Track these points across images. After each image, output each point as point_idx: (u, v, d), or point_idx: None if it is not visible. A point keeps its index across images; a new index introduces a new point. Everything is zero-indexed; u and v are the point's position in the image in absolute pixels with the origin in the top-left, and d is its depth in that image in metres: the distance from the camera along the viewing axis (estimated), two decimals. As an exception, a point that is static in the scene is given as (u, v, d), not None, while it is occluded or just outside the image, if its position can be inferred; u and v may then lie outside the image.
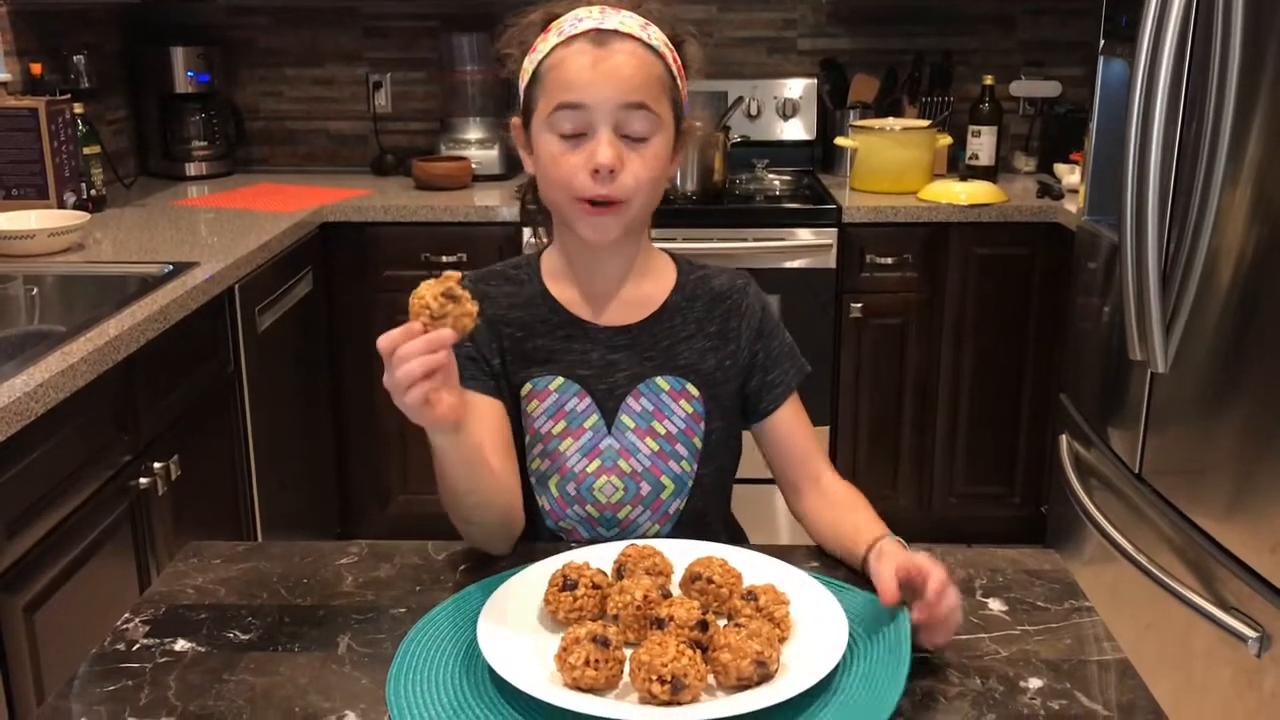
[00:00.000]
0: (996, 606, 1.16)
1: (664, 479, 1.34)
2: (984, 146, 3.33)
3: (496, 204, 3.07)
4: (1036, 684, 1.02)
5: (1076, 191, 2.87)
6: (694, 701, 0.95)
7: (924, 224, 3.02)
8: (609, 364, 1.34)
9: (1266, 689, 1.81)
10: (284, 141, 3.69)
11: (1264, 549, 1.79)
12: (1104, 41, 2.48)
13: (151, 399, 2.04)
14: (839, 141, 3.34)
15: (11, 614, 1.60)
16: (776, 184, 3.36)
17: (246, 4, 3.55)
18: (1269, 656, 1.79)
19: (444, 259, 3.01)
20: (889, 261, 3.05)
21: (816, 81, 3.53)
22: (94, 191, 2.90)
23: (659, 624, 1.01)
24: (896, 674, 0.99)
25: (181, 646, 1.09)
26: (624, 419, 1.33)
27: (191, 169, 3.48)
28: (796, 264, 3.03)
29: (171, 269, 2.29)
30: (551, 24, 1.28)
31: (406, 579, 1.22)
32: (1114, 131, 2.20)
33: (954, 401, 3.16)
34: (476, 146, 3.40)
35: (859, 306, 3.06)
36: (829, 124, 3.53)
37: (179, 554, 1.28)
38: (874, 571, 1.13)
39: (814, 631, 1.05)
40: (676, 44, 1.31)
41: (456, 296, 1.07)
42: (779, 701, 0.94)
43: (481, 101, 3.45)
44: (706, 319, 1.37)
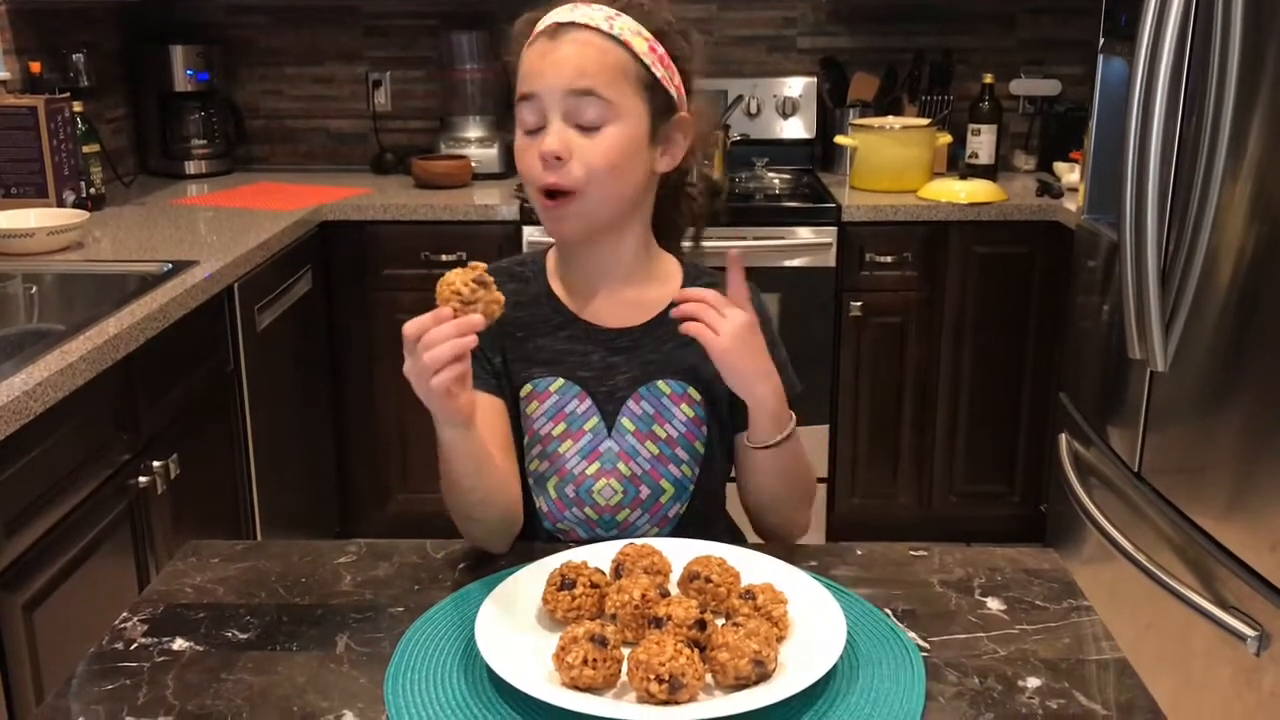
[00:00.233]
0: (995, 606, 1.16)
1: (664, 482, 1.33)
2: (984, 145, 3.33)
3: (496, 202, 3.07)
4: (1035, 683, 1.02)
5: (1076, 190, 2.86)
6: (692, 701, 0.95)
7: (924, 223, 3.02)
8: (610, 366, 1.33)
9: (1265, 688, 1.81)
10: (284, 140, 3.69)
11: (1263, 548, 1.79)
12: (1104, 40, 2.48)
13: (151, 398, 2.04)
14: (839, 140, 3.34)
15: (11, 612, 1.60)
16: (776, 183, 3.36)
17: (246, 2, 3.55)
18: (1268, 655, 1.79)
19: (444, 258, 3.00)
20: (889, 260, 3.05)
21: (816, 80, 3.52)
22: (93, 190, 2.90)
23: (657, 623, 1.01)
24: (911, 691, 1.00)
25: (180, 646, 1.09)
26: (624, 422, 1.33)
27: (191, 167, 3.47)
28: (796, 263, 3.02)
29: (171, 268, 2.29)
30: (532, 28, 1.29)
31: (405, 578, 1.22)
32: (1114, 130, 2.20)
33: (953, 400, 3.16)
34: (476, 145, 3.40)
35: (859, 305, 3.06)
36: (829, 122, 3.53)
37: (177, 553, 1.28)
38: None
39: (812, 631, 1.05)
40: (662, 35, 1.30)
41: (486, 283, 1.09)
42: (776, 701, 0.94)
43: (481, 100, 3.45)
44: None
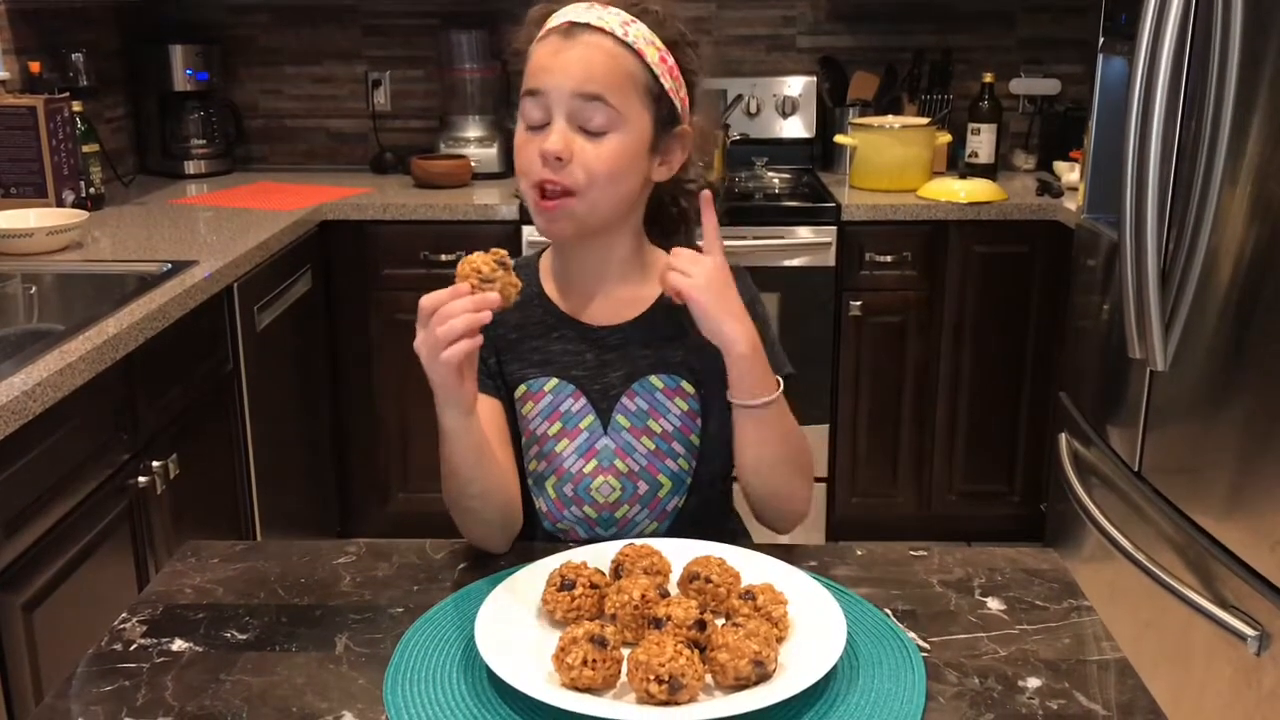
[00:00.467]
0: (995, 606, 1.15)
1: (661, 477, 1.33)
2: (983, 144, 3.32)
3: (496, 202, 3.07)
4: (1035, 683, 1.02)
5: (1076, 189, 2.86)
6: (691, 701, 0.95)
7: (923, 222, 3.02)
8: (603, 364, 1.33)
9: (1265, 687, 1.81)
10: (283, 140, 3.69)
11: (1263, 547, 1.79)
12: (1103, 39, 2.48)
13: (150, 398, 2.04)
14: (838, 139, 3.34)
15: (10, 612, 1.60)
16: (776, 182, 3.36)
17: (246, 2, 3.54)
18: (1268, 655, 1.79)
19: (443, 257, 3.00)
20: (888, 259, 3.05)
21: (816, 79, 3.52)
22: (93, 190, 2.90)
23: (657, 623, 1.01)
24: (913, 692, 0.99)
25: (179, 646, 1.09)
26: (619, 418, 1.33)
27: (190, 167, 3.47)
28: (796, 262, 3.02)
29: (170, 267, 2.29)
30: (546, 20, 1.28)
31: (404, 578, 1.22)
32: (1113, 129, 2.20)
33: (953, 399, 3.16)
34: (476, 144, 3.40)
35: (858, 305, 3.06)
36: (828, 122, 3.53)
37: (176, 553, 1.28)
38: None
39: (812, 631, 1.05)
40: (673, 46, 1.30)
41: (507, 265, 1.12)
42: (777, 701, 0.94)
43: (481, 99, 3.45)
44: None
